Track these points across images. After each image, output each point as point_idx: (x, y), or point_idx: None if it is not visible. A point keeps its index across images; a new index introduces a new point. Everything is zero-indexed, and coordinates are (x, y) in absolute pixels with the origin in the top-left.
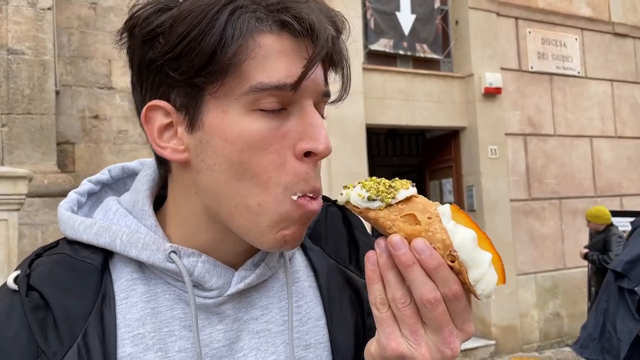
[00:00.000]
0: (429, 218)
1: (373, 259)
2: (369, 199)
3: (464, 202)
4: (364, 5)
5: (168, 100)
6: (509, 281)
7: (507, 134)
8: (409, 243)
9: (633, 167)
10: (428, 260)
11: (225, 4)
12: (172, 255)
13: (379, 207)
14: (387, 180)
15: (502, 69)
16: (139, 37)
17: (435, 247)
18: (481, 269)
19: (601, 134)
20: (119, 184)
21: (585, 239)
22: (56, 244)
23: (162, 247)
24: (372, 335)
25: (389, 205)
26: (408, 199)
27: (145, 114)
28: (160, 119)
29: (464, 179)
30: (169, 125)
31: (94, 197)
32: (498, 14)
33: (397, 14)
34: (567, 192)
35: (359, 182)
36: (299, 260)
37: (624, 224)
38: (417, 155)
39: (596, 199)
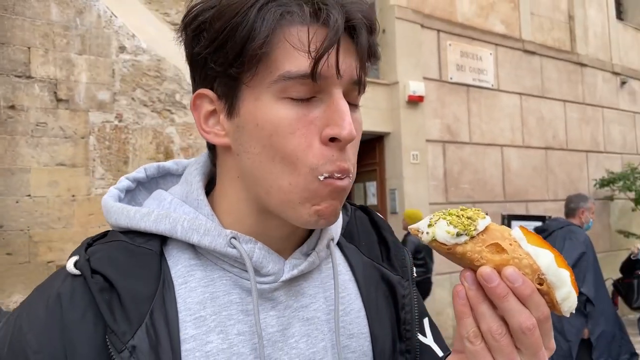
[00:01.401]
0: (510, 245)
1: (462, 294)
2: (458, 235)
3: (387, 205)
4: None
5: (212, 89)
6: None
7: (427, 141)
8: (499, 272)
9: (538, 175)
10: (522, 288)
11: (257, 0)
12: (233, 240)
13: (465, 242)
14: (462, 211)
15: (424, 78)
16: (190, 33)
17: (524, 272)
18: (567, 287)
19: (511, 143)
20: (152, 183)
21: None
22: (103, 235)
23: (223, 233)
24: (407, 329)
25: (472, 237)
26: (486, 228)
27: (194, 101)
28: (206, 106)
29: (387, 183)
30: (213, 112)
31: (129, 195)
32: (422, 26)
33: None
34: (480, 196)
35: (438, 217)
36: (338, 256)
37: (529, 228)
38: None
39: (505, 204)
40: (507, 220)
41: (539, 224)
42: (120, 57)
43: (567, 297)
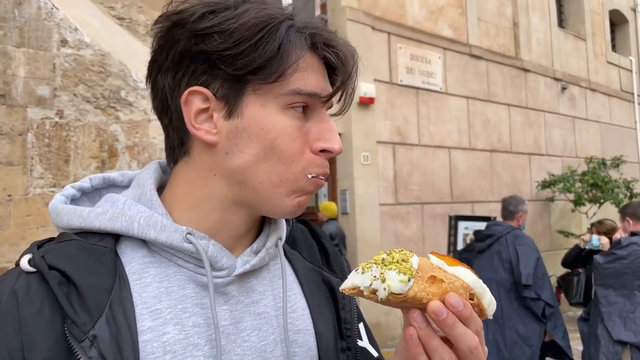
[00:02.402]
0: (439, 272)
1: (415, 335)
2: (409, 280)
3: (338, 205)
4: None
5: (208, 88)
6: None
7: (378, 142)
8: (442, 302)
9: (483, 176)
10: (464, 311)
11: (284, 20)
12: (189, 236)
13: (412, 285)
14: (389, 256)
15: (375, 80)
16: (190, 30)
17: (459, 293)
18: (488, 293)
19: (457, 145)
20: (95, 194)
21: (443, 241)
22: (52, 238)
23: (180, 229)
24: (348, 328)
25: (414, 278)
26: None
27: (187, 96)
28: (198, 103)
29: (338, 183)
30: (205, 110)
31: (74, 203)
32: (373, 28)
33: None
34: (429, 198)
35: (372, 268)
36: (283, 260)
37: (478, 227)
38: None
39: (452, 205)
40: (455, 220)
41: (484, 224)
42: (61, 50)
43: (490, 302)
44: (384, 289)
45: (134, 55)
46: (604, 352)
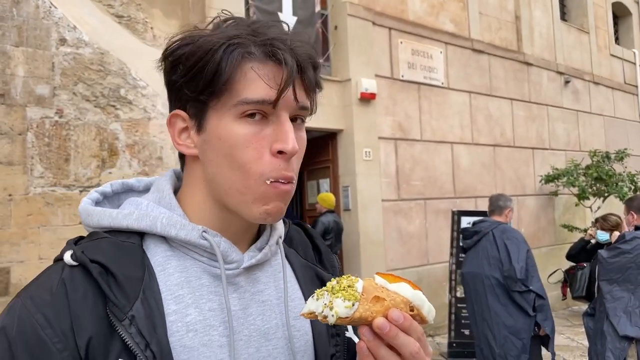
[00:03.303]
0: (382, 292)
1: (364, 347)
2: (353, 305)
3: (340, 202)
4: (246, 2)
5: (184, 110)
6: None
7: (380, 138)
8: (386, 317)
9: (486, 171)
10: (404, 323)
11: (223, 43)
12: (204, 234)
13: (357, 307)
14: (338, 284)
15: (376, 75)
16: (169, 63)
17: (400, 308)
18: (426, 303)
19: (460, 140)
20: (115, 198)
21: (446, 237)
22: (82, 237)
23: (196, 228)
24: None
25: (359, 300)
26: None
27: (170, 119)
28: (179, 124)
29: (340, 180)
30: (185, 129)
31: (98, 205)
32: (374, 23)
33: (279, 14)
34: (431, 193)
35: (324, 296)
36: (284, 256)
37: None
38: None
39: (455, 200)
40: (458, 216)
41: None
42: (60, 49)
43: (429, 310)
44: (332, 315)
45: (133, 53)
46: (611, 348)
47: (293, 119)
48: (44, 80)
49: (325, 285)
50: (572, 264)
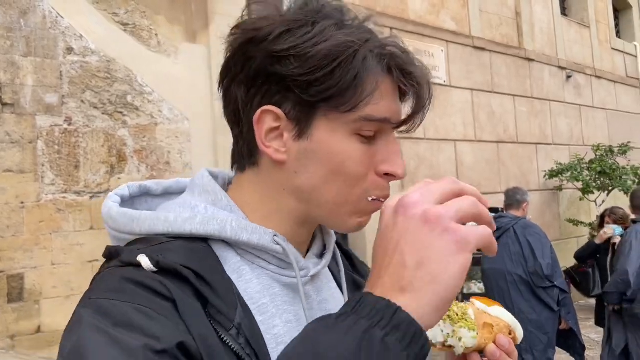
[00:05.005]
0: (488, 317)
1: None
2: (477, 334)
3: None
4: (248, 6)
5: (280, 108)
6: None
7: None
8: (494, 342)
9: (490, 168)
10: (510, 348)
11: (360, 46)
12: (276, 238)
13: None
14: (451, 311)
15: None
16: (267, 50)
17: (503, 332)
18: (519, 325)
19: (463, 138)
20: (128, 202)
21: None
22: (135, 241)
23: (268, 232)
24: None
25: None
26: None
27: (259, 115)
28: (269, 122)
29: None
30: (276, 129)
31: None
32: (375, 24)
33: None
34: None
35: (454, 324)
36: (340, 262)
37: None
38: None
39: None
40: None
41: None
42: (67, 58)
43: (521, 332)
44: (461, 346)
45: (139, 59)
46: None
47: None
48: (52, 89)
49: (360, 290)
50: (576, 262)
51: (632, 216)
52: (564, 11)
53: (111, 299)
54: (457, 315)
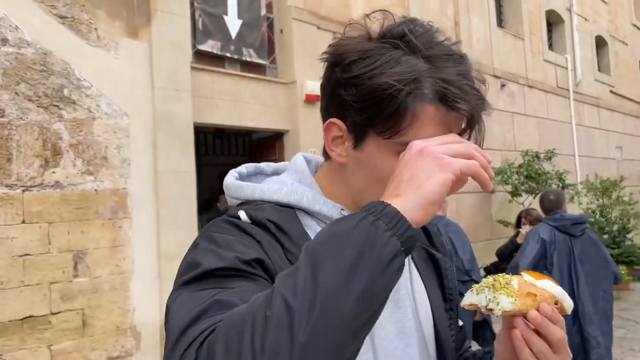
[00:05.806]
0: (533, 288)
1: (518, 334)
2: (515, 301)
3: None
4: (192, 5)
5: (344, 121)
6: None
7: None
8: (537, 309)
9: None
10: (553, 315)
11: (407, 83)
12: (342, 211)
13: (516, 302)
14: (496, 281)
15: (321, 78)
16: (338, 77)
17: (548, 302)
18: (567, 297)
19: None
20: (245, 178)
21: None
22: (241, 204)
23: (336, 205)
24: (450, 293)
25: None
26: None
27: (327, 125)
28: (335, 131)
29: None
30: (339, 137)
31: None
32: (318, 27)
33: (225, 17)
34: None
35: (487, 290)
36: None
37: None
38: (244, 155)
39: None
40: None
41: None
42: (2, 49)
43: (569, 303)
44: (499, 309)
45: (77, 53)
46: None
47: None
48: None
49: (438, 265)
50: (496, 260)
51: (544, 217)
52: (500, 23)
53: (219, 232)
54: (501, 284)
